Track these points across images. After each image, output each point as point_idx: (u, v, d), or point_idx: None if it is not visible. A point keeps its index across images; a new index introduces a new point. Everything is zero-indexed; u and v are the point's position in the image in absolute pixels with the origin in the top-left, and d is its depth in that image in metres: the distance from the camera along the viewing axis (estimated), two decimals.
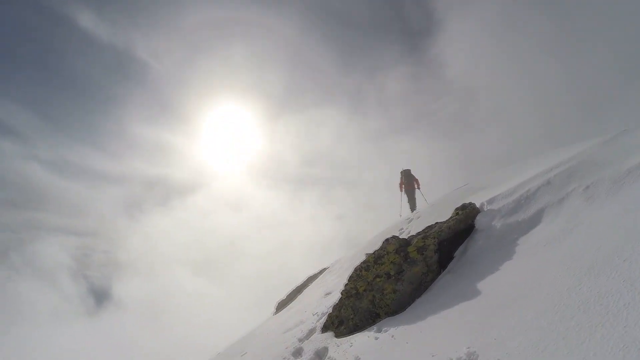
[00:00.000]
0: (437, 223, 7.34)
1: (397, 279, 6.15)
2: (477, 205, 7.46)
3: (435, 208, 11.51)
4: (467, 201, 9.57)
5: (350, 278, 6.80)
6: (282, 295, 15.63)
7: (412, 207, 15.90)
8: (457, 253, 6.77)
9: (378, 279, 6.29)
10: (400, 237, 11.09)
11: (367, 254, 7.09)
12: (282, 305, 14.64)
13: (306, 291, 13.55)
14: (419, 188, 15.86)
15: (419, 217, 11.69)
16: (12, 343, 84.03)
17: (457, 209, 7.37)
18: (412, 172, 16.09)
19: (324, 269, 15.19)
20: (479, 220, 6.97)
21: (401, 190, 16.16)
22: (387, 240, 6.65)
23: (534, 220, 6.18)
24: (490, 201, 7.34)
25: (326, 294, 10.25)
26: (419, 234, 7.02)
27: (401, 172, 16.16)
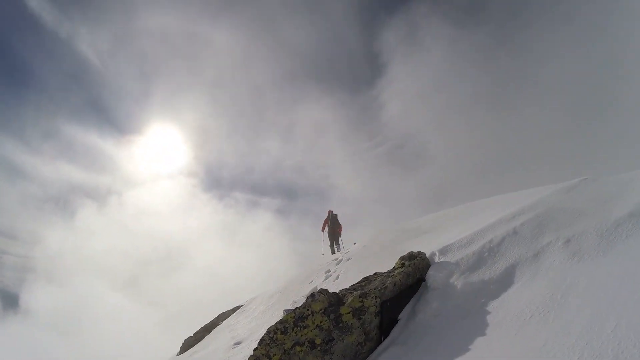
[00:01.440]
0: (376, 274, 5.74)
1: (324, 350, 4.43)
2: (427, 254, 5.97)
3: (368, 250, 10.01)
4: (407, 246, 8.15)
5: (262, 341, 4.93)
6: (191, 332, 13.85)
7: (332, 252, 15.47)
8: (402, 315, 5.19)
9: (299, 348, 4.52)
10: (326, 281, 9.68)
11: (285, 310, 5.42)
12: (187, 345, 13.04)
13: (215, 332, 11.54)
14: (340, 234, 15.74)
15: (349, 259, 10.09)
16: None
17: (402, 258, 5.81)
18: (339, 219, 16.03)
19: (238, 307, 13.30)
20: (432, 276, 5.41)
21: (323, 231, 15.89)
22: (313, 295, 4.89)
23: (506, 281, 4.75)
24: (443, 251, 5.87)
25: (235, 344, 8.50)
26: (353, 287, 5.35)
27: (329, 213, 16.05)
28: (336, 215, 16.10)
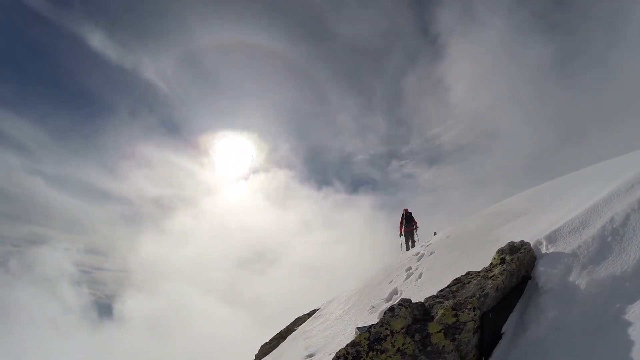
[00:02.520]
0: (470, 274, 4.65)
1: None
2: (532, 244, 4.76)
3: (453, 241, 8.85)
4: (500, 234, 6.97)
5: None
6: (267, 338, 13.54)
7: (407, 248, 15.44)
8: (506, 328, 4.10)
9: None
10: (407, 281, 8.64)
11: (358, 328, 4.49)
12: (262, 353, 12.75)
13: (289, 340, 10.89)
14: (416, 229, 15.78)
15: (431, 253, 9.01)
16: (7, 348, 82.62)
17: (500, 251, 4.63)
18: (413, 215, 16.10)
19: (314, 311, 12.58)
20: (543, 273, 4.23)
21: (400, 230, 15.96)
22: (392, 310, 3.92)
23: None
24: (551, 238, 4.62)
25: (307, 357, 7.77)
26: (443, 294, 4.32)
27: (403, 212, 16.18)
28: (410, 213, 16.06)
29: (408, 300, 4.02)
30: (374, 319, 7.08)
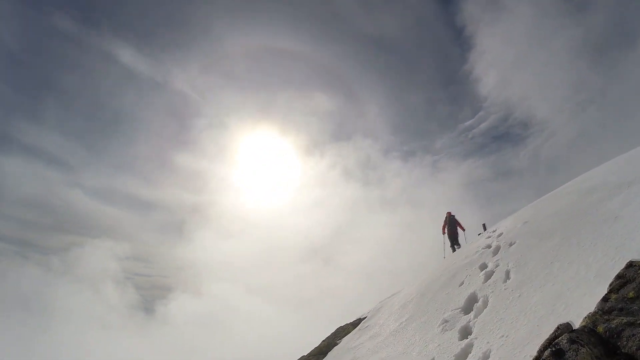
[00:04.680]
0: (633, 264, 2.63)
1: None
2: None
3: (538, 227, 6.75)
4: (617, 209, 5.11)
5: None
6: (303, 348, 11.45)
7: (453, 250, 15.04)
8: None
9: None
10: (488, 283, 6.51)
11: None
12: None
13: (329, 358, 8.88)
14: (463, 230, 15.45)
15: (512, 244, 6.88)
16: (51, 347, 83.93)
17: None
18: (457, 217, 15.77)
19: (360, 320, 10.57)
20: None
21: (444, 233, 15.62)
22: (558, 354, 1.91)
23: None
24: None
25: None
26: (611, 308, 2.29)
27: (447, 215, 15.83)
28: (454, 216, 15.76)
29: (584, 332, 2.00)
30: (450, 339, 5.07)
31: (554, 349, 2.06)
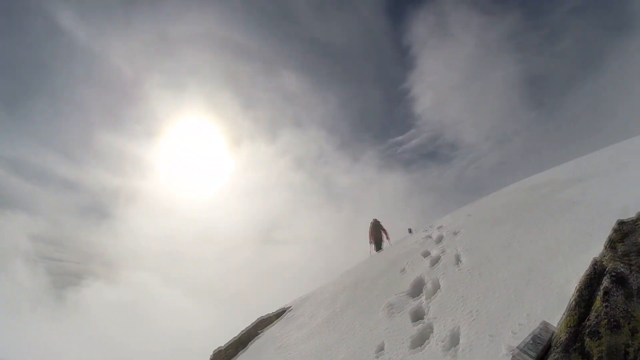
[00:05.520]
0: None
1: None
2: None
3: (481, 218, 6.64)
4: (574, 196, 5.16)
5: None
6: (222, 343, 10.17)
7: (377, 251, 14.88)
8: None
9: None
10: (435, 268, 6.04)
11: (520, 350, 2.04)
12: None
13: (254, 350, 8.02)
14: (388, 239, 15.34)
15: (456, 233, 6.60)
16: None
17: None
18: (382, 224, 15.80)
19: (284, 310, 9.78)
20: None
21: (370, 242, 15.42)
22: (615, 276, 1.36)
23: None
24: None
25: None
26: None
27: (372, 222, 15.86)
28: (379, 222, 15.86)
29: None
30: (400, 322, 4.49)
31: (613, 275, 1.65)
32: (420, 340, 3.78)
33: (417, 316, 4.43)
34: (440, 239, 6.89)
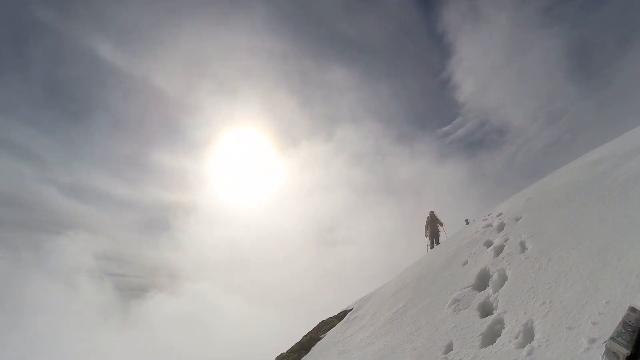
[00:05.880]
0: None
1: None
2: None
3: (547, 200, 6.29)
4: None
5: None
6: (285, 349, 10.27)
7: (432, 247, 15.02)
8: None
9: None
10: (499, 259, 5.75)
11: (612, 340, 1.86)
12: None
13: (316, 355, 7.97)
14: (442, 225, 15.50)
15: (518, 219, 6.28)
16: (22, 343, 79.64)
17: None
18: (436, 215, 15.80)
19: (345, 312, 9.72)
20: None
21: (426, 234, 15.57)
22: None
23: None
24: None
25: None
26: None
27: (429, 214, 15.82)
28: (435, 215, 15.80)
29: None
30: (468, 318, 4.29)
31: None
32: (491, 337, 3.58)
33: (486, 311, 4.22)
34: (501, 227, 6.59)
